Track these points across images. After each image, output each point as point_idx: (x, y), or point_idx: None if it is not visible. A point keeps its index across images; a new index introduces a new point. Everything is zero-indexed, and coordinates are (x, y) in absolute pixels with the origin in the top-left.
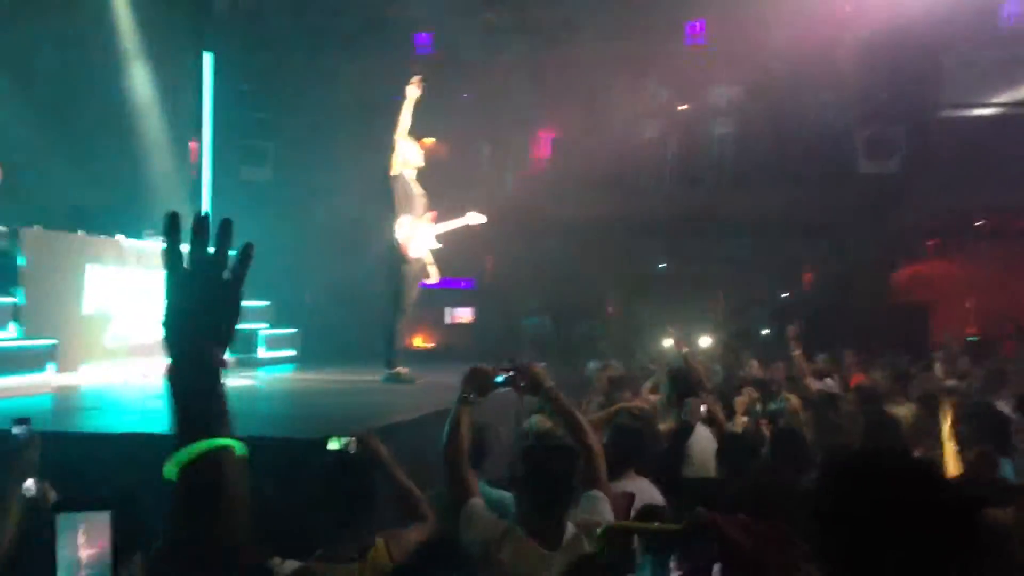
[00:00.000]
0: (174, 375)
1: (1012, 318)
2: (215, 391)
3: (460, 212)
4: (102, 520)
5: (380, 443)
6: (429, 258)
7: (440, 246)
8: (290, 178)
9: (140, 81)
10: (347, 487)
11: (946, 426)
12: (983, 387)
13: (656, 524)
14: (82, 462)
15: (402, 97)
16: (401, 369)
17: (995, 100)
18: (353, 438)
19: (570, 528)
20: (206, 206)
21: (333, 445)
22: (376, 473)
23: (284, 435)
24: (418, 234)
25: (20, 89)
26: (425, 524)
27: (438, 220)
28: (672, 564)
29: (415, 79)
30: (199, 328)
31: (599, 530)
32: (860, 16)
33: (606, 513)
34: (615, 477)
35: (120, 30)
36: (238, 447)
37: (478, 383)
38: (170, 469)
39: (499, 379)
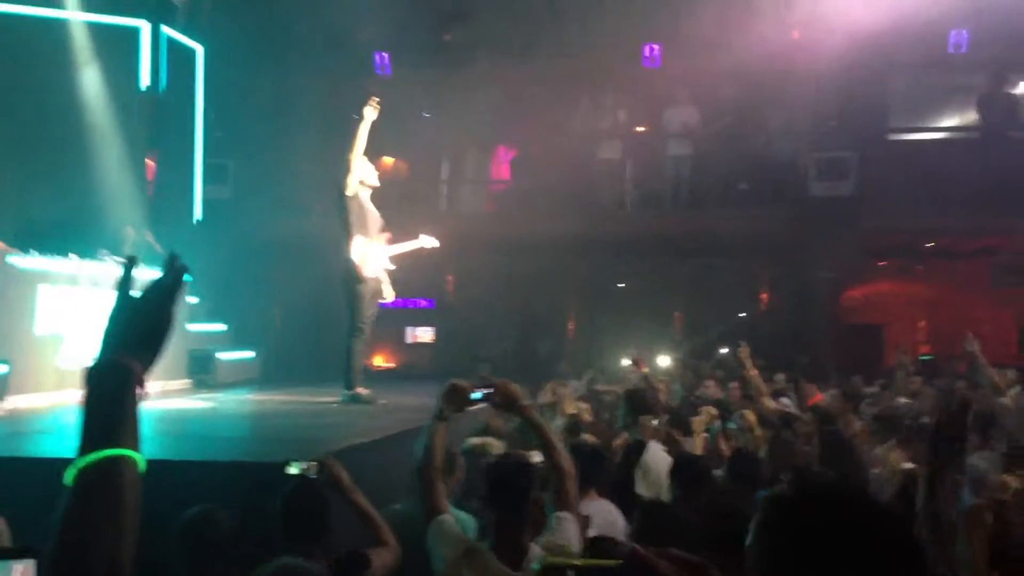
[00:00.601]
0: (91, 380)
1: (969, 337)
2: (126, 401)
3: (414, 234)
4: (28, 567)
5: (341, 467)
6: (385, 278)
7: (394, 267)
8: (251, 196)
9: (95, 97)
10: (305, 512)
11: None
12: (935, 406)
13: (590, 560)
14: (34, 487)
15: (359, 117)
16: (360, 390)
17: (942, 124)
18: (314, 462)
19: (536, 549)
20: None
21: (293, 470)
22: (335, 497)
23: (241, 459)
24: (373, 254)
25: None
26: (387, 549)
27: (392, 242)
28: None
29: (372, 100)
30: (123, 339)
31: (533, 566)
32: (810, 41)
33: (572, 534)
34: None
35: (75, 46)
36: (140, 461)
37: (455, 399)
38: (69, 473)
39: (476, 396)
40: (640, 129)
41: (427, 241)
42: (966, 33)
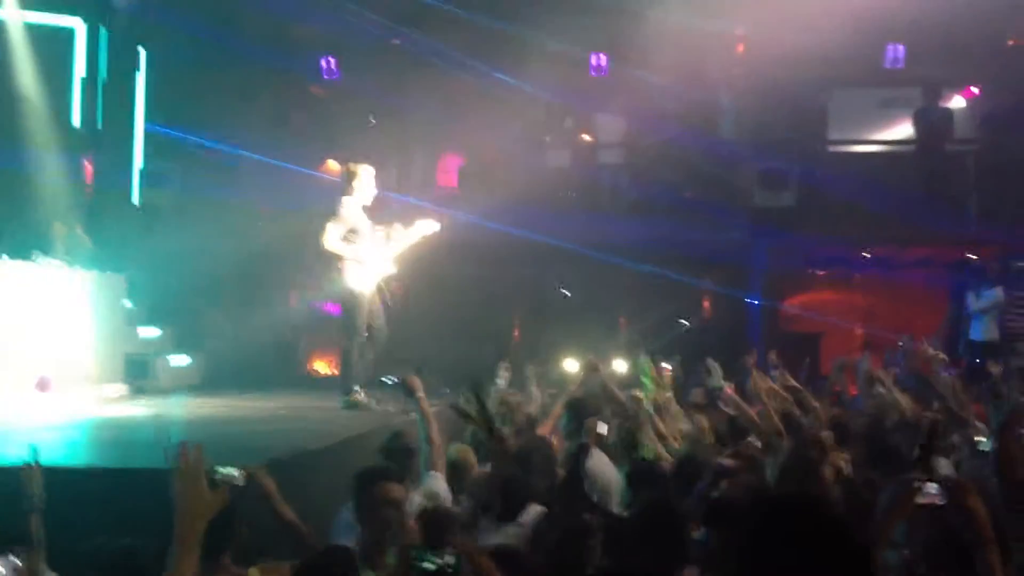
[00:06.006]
0: None
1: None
2: None
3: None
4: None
5: (268, 476)
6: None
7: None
8: (196, 200)
9: (29, 93)
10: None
11: None
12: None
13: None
14: None
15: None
16: (358, 396)
17: (880, 138)
18: (241, 471)
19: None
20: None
21: (220, 475)
22: (260, 505)
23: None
24: (368, 261)
25: None
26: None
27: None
28: None
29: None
30: None
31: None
32: (753, 55)
33: (441, 487)
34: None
35: (10, 45)
36: None
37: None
38: None
39: (389, 382)
40: (586, 138)
41: (426, 227)
42: (902, 48)
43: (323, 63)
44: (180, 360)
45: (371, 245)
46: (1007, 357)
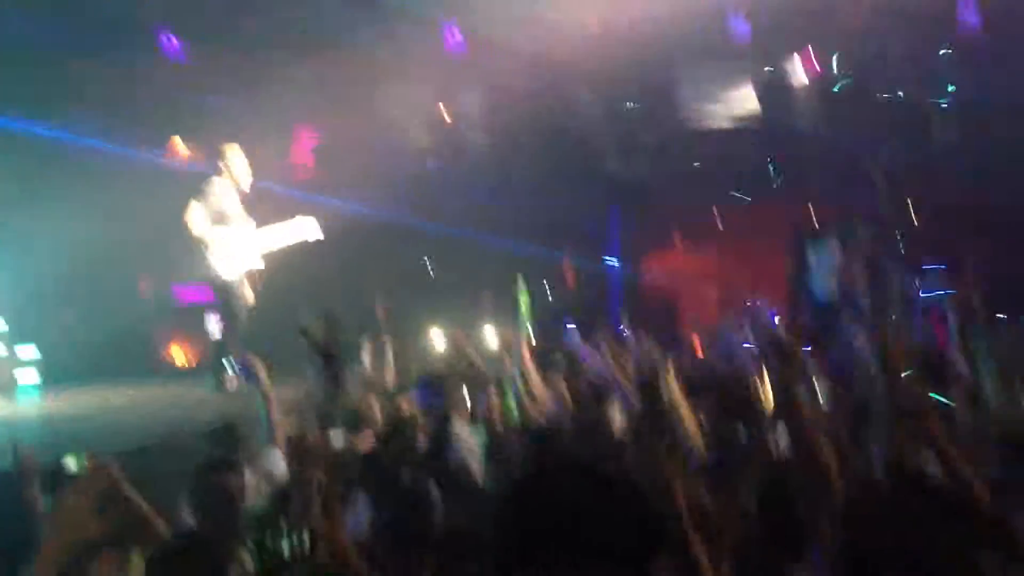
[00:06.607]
0: None
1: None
2: None
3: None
4: None
5: (116, 467)
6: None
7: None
8: (29, 191)
9: None
10: None
11: None
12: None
13: None
14: None
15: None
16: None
17: (728, 112)
18: (85, 461)
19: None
20: None
21: (70, 463)
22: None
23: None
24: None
25: None
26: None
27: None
28: None
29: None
30: None
31: None
32: (605, 27)
33: (278, 463)
34: None
35: None
36: None
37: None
38: None
39: (231, 364)
40: (444, 114)
41: (306, 231)
42: (745, 23)
43: (164, 40)
44: (20, 355)
45: (240, 233)
46: (843, 313)
